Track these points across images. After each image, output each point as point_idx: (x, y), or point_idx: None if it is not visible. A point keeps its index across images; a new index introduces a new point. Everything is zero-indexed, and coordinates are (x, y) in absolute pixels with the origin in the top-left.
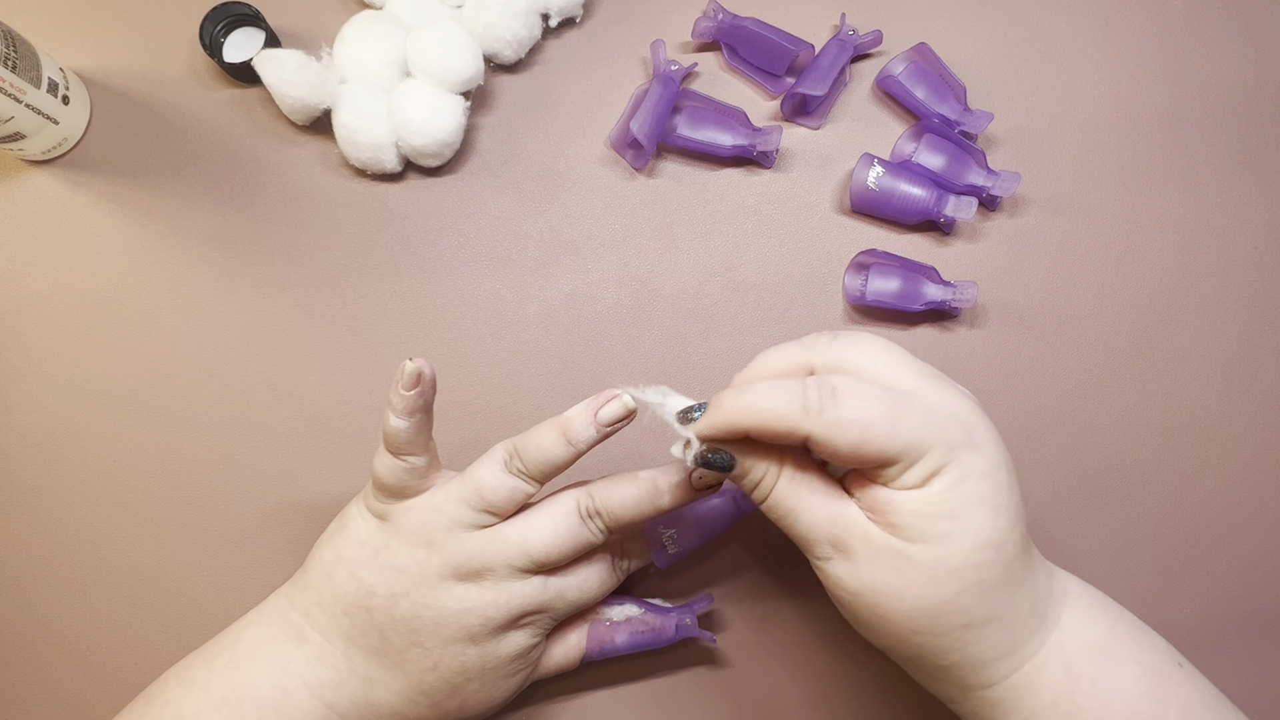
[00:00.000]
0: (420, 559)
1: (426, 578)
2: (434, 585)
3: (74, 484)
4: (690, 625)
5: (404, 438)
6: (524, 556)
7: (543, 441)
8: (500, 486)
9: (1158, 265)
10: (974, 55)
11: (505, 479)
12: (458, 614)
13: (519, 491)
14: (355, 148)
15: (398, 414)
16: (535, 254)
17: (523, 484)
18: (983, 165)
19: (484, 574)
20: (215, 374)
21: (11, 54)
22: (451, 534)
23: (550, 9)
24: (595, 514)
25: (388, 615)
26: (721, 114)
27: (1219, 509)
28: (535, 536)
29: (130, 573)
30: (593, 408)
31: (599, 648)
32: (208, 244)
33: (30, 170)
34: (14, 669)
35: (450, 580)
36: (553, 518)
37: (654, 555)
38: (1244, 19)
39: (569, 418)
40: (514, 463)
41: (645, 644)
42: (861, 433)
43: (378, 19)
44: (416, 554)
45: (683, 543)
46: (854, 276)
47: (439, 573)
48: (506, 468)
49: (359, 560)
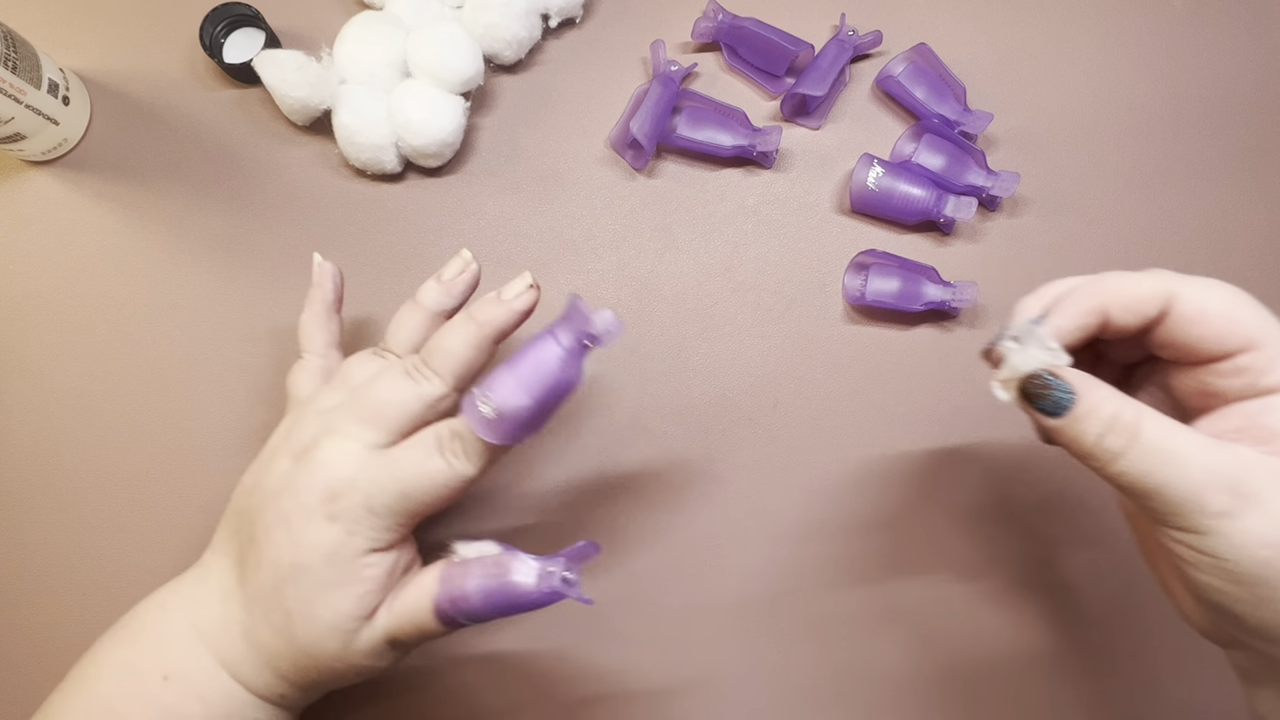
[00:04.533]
0: (279, 449)
1: (275, 467)
2: (278, 471)
3: (74, 484)
4: (554, 579)
5: (305, 335)
6: (348, 415)
7: (401, 317)
8: (364, 369)
9: (1157, 265)
10: (974, 55)
11: (370, 362)
12: (276, 493)
13: None
14: (355, 148)
15: (308, 308)
16: (535, 254)
17: (385, 363)
18: (982, 165)
19: (310, 449)
20: (215, 374)
21: (11, 54)
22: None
23: (550, 9)
24: (422, 364)
25: (246, 508)
26: (721, 114)
27: None
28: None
29: (130, 573)
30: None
31: (448, 596)
32: (208, 244)
33: (30, 170)
34: (14, 669)
35: (290, 463)
36: (379, 374)
37: (475, 425)
38: (1244, 19)
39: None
40: (379, 348)
41: (499, 598)
42: (1232, 296)
43: (378, 19)
44: (278, 447)
45: (500, 401)
46: (854, 276)
47: (286, 457)
48: (372, 353)
49: (251, 466)
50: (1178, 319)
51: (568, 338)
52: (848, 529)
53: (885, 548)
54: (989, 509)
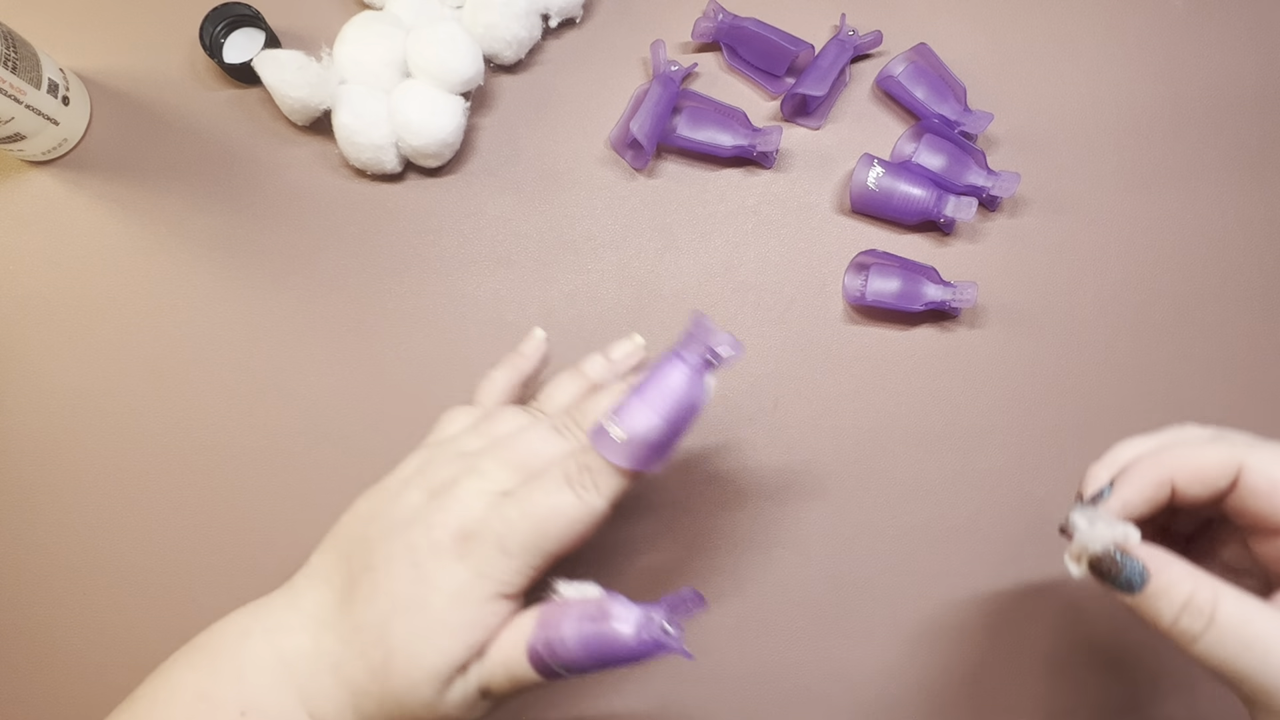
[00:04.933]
0: (411, 481)
1: (404, 498)
2: (404, 505)
3: (74, 484)
4: (655, 628)
5: (492, 392)
6: (489, 458)
7: (560, 383)
8: (510, 421)
9: (1158, 265)
10: (974, 55)
11: (518, 416)
12: (407, 524)
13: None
14: (355, 148)
15: (500, 370)
16: (535, 254)
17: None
18: (983, 165)
19: (450, 487)
20: (215, 374)
21: (11, 54)
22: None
23: (550, 9)
24: (573, 423)
25: (360, 537)
26: (721, 114)
27: None
28: (506, 440)
29: (130, 573)
30: (607, 351)
31: (544, 639)
32: (208, 244)
33: (30, 170)
34: (14, 669)
35: (424, 498)
36: (528, 426)
37: (608, 453)
38: (1244, 19)
39: (581, 362)
40: (530, 405)
41: (595, 645)
42: None
43: (378, 19)
44: (410, 478)
45: (631, 424)
46: (854, 276)
47: (418, 493)
48: (524, 410)
49: (366, 493)
50: (1247, 491)
51: (693, 356)
52: (848, 529)
53: (885, 547)
54: (988, 510)
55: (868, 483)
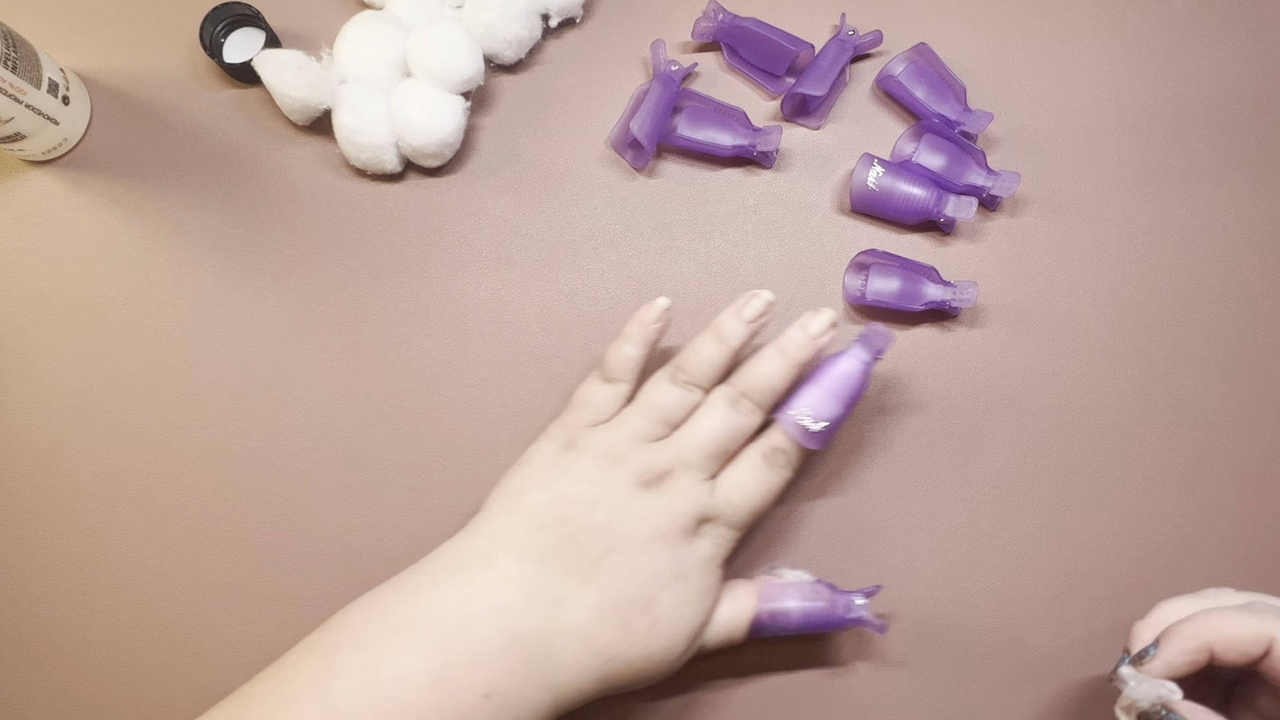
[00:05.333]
0: (609, 469)
1: (616, 486)
2: (623, 493)
3: (74, 484)
4: (862, 608)
5: (629, 366)
6: (695, 451)
7: (700, 349)
8: (670, 397)
9: (1158, 265)
10: (974, 55)
11: (674, 391)
12: (648, 514)
13: (687, 400)
14: (355, 148)
15: (633, 343)
16: (535, 254)
17: (688, 393)
18: (983, 165)
19: (665, 478)
20: (215, 374)
21: (11, 54)
22: (635, 445)
23: (550, 9)
24: (741, 396)
25: (584, 522)
26: (721, 114)
27: (1219, 509)
28: (699, 431)
29: (130, 573)
30: (737, 308)
31: (768, 609)
32: (208, 244)
33: (30, 170)
34: (14, 669)
35: (636, 488)
36: (709, 411)
37: (800, 439)
38: (1244, 19)
39: (718, 321)
40: (679, 376)
41: (815, 616)
42: None
43: (378, 19)
44: (605, 465)
45: (820, 414)
46: (854, 276)
47: (627, 481)
48: (673, 381)
49: (551, 475)
50: (1279, 660)
51: (866, 353)
52: (847, 529)
53: (885, 547)
54: (988, 510)
55: (867, 482)
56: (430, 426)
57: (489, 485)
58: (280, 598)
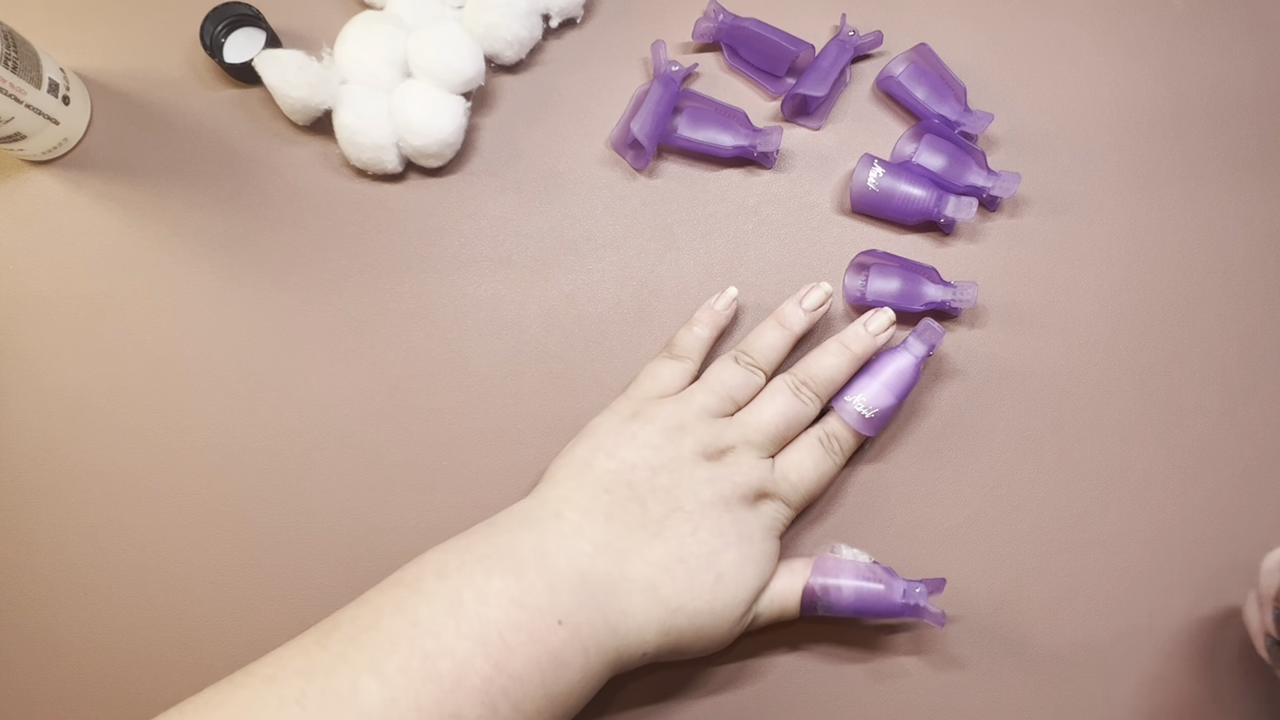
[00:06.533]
0: (674, 439)
1: (680, 455)
2: (687, 461)
3: (74, 484)
4: (920, 595)
5: (697, 345)
6: (758, 432)
7: (763, 334)
8: (737, 377)
9: (1158, 265)
10: (974, 55)
11: (740, 371)
12: (711, 479)
13: (751, 381)
14: (356, 148)
15: (703, 325)
16: (535, 254)
17: (752, 374)
18: (983, 165)
19: (727, 452)
20: (215, 374)
21: (11, 54)
22: (700, 419)
23: (551, 9)
24: (802, 384)
25: (648, 485)
26: (722, 114)
27: (1219, 509)
28: (763, 413)
29: (130, 573)
30: (798, 297)
31: (821, 581)
32: (208, 244)
33: (30, 170)
34: (14, 669)
35: (700, 458)
36: (773, 396)
37: (856, 425)
38: (1244, 19)
39: (781, 310)
40: (743, 358)
41: (868, 598)
42: None
43: (378, 19)
44: (670, 435)
45: (874, 403)
46: (854, 277)
47: (691, 451)
48: (738, 363)
49: (617, 444)
50: None
51: (921, 348)
52: (847, 529)
53: (885, 547)
54: (988, 510)
55: (867, 482)
56: (430, 426)
57: (489, 485)
58: (280, 598)
